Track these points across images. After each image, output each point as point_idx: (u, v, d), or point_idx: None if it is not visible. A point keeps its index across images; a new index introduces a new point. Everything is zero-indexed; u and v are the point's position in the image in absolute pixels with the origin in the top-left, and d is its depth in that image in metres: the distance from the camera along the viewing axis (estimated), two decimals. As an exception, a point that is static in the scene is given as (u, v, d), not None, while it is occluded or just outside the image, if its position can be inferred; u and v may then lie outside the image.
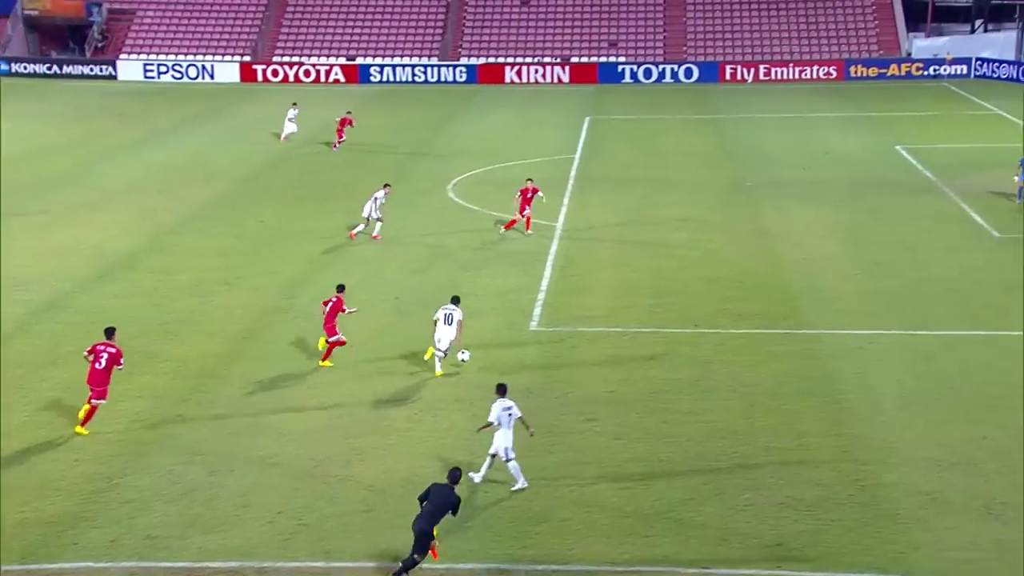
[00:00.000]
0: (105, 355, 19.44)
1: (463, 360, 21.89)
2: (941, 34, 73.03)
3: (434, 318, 22.22)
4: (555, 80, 68.93)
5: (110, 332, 19.89)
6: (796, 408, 20.66)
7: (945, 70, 67.76)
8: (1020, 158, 36.67)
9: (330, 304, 22.41)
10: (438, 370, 22.04)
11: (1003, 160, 43.05)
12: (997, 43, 70.28)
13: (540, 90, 66.24)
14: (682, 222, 34.27)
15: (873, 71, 68.43)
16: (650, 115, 56.91)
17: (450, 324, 21.99)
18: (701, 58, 71.44)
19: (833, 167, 42.61)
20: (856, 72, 68.47)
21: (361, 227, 31.95)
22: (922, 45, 70.43)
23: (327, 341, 22.39)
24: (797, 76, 68.59)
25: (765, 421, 20.17)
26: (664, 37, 73.38)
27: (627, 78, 69.28)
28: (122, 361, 19.53)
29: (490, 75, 68.71)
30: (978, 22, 73.50)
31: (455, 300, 22.56)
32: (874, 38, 71.91)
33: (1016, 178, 36.06)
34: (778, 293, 27.18)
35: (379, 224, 32.02)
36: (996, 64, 66.71)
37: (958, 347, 23.38)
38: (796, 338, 24.12)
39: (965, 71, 67.93)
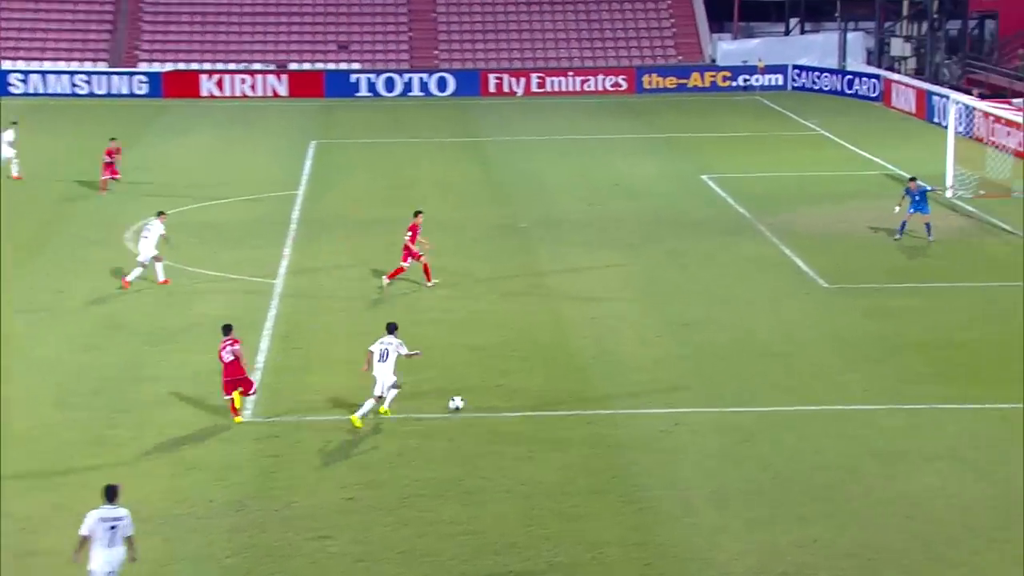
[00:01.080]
0: None
1: (457, 408, 24.33)
2: (751, 36, 77.03)
3: (369, 349, 23.97)
4: (269, 93, 68.75)
5: None
6: (587, 511, 21.08)
7: (757, 80, 71.43)
8: (904, 187, 39.03)
9: (230, 348, 24.38)
10: (357, 415, 23.66)
11: (831, 191, 45.70)
12: (816, 47, 74.71)
13: (249, 106, 65.91)
14: (439, 274, 34.70)
15: (671, 81, 71.45)
16: (394, 138, 57.49)
17: (384, 360, 23.79)
18: (458, 65, 72.87)
19: (625, 202, 44.11)
20: (650, 83, 71.31)
21: (138, 271, 32.49)
22: (728, 49, 74.07)
23: (243, 394, 24.49)
24: (579, 88, 70.92)
25: (549, 528, 20.48)
26: (410, 39, 74.42)
27: (363, 90, 69.81)
28: None
29: (180, 86, 67.87)
30: (793, 21, 78.01)
31: (391, 328, 24.22)
32: (670, 41, 75.18)
33: (897, 209, 38.28)
34: (562, 364, 27.81)
35: (160, 265, 32.59)
36: (816, 73, 70.98)
37: (783, 425, 24.46)
38: (585, 421, 24.67)
39: (780, 81, 71.85)
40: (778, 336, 29.62)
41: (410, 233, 32.88)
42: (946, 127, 49.26)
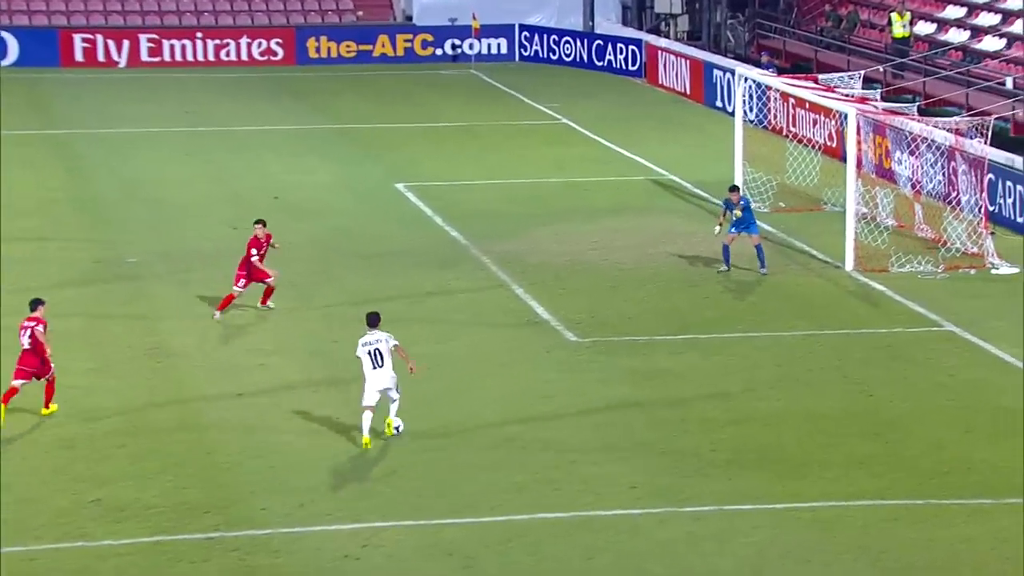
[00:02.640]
0: None
1: (396, 431, 28.31)
2: (459, -15, 78.00)
3: (356, 355, 28.04)
4: None
5: None
6: None
7: (472, 46, 72.26)
8: (724, 199, 39.56)
9: (28, 330, 29.29)
10: (393, 422, 28.40)
11: (578, 204, 46.43)
12: (552, 1, 76.09)
13: None
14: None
15: (348, 48, 71.73)
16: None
17: (381, 365, 27.89)
18: (23, 22, 71.55)
19: (287, 224, 43.81)
20: (318, 50, 71.49)
21: None
22: (429, 4, 74.76)
23: (48, 380, 29.55)
24: (212, 56, 70.59)
25: None
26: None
27: None
28: None
29: None
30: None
31: (373, 320, 28.28)
32: (347, -10, 75.55)
33: (717, 228, 38.85)
34: (194, 463, 27.43)
35: None
36: (554, 37, 72.13)
37: (518, 542, 24.61)
38: (230, 547, 24.40)
39: (505, 48, 72.89)
40: (510, 414, 29.87)
41: (255, 251, 35.33)
42: (731, 113, 50.72)
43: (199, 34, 70.78)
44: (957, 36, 58.94)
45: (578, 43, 71.30)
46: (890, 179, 45.80)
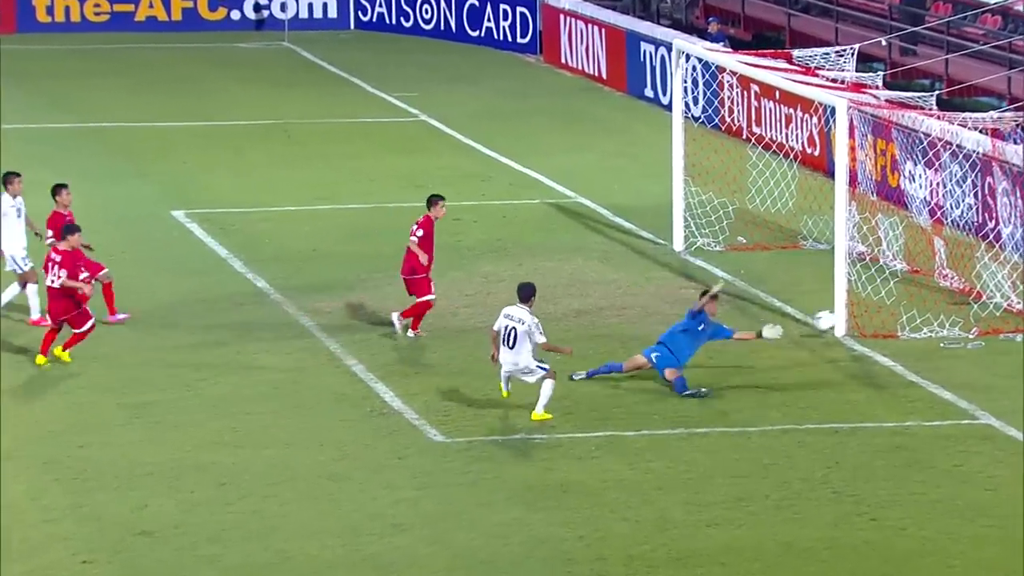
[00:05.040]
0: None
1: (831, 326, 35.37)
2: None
3: (492, 328, 35.34)
4: None
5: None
6: None
7: (285, 7, 72.49)
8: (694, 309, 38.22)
9: (57, 266, 35.71)
10: (538, 409, 35.07)
11: (443, 240, 46.42)
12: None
13: None
14: None
15: (97, 9, 72.02)
16: None
17: (511, 347, 34.68)
18: None
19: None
20: (50, 11, 72.47)
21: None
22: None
23: (71, 326, 35.97)
24: None
25: None
26: None
27: None
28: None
29: None
30: None
31: (525, 294, 35.16)
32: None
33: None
34: None
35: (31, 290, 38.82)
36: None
37: None
38: None
39: (334, 11, 73.11)
40: (343, 551, 29.74)
41: (421, 232, 39.94)
42: (667, 107, 50.89)
43: None
44: (993, -7, 59.42)
45: (443, 3, 71.42)
46: (898, 202, 46.11)
